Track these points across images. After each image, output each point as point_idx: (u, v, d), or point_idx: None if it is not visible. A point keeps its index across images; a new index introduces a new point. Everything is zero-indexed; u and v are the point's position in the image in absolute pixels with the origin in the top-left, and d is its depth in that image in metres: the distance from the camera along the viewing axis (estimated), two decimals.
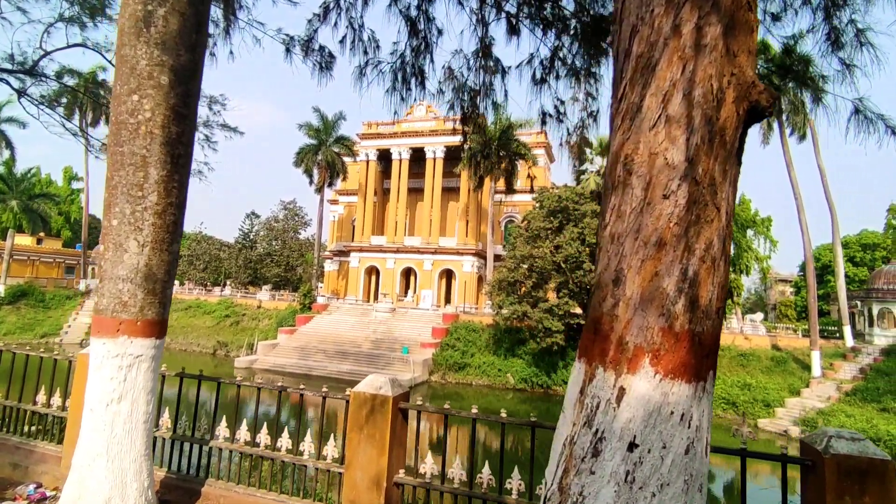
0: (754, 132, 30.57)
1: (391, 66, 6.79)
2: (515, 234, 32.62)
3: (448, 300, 44.64)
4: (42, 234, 49.61)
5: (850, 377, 26.25)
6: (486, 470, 3.22)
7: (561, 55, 6.57)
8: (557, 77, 6.65)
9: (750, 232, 37.25)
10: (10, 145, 41.15)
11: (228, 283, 53.64)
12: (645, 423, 1.50)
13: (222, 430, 3.94)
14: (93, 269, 48.33)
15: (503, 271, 32.59)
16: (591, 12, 6.28)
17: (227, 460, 3.72)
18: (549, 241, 31.16)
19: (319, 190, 45.23)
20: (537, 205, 33.76)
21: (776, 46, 6.20)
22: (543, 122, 6.91)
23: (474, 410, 3.27)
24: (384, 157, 47.84)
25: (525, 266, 31.00)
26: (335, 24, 7.18)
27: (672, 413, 1.51)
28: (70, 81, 11.08)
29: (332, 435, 3.60)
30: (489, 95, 7.21)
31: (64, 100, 10.23)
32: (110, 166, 2.86)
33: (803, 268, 52.97)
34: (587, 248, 29.16)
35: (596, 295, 1.87)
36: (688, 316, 1.61)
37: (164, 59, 2.85)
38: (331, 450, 3.60)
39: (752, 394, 27.07)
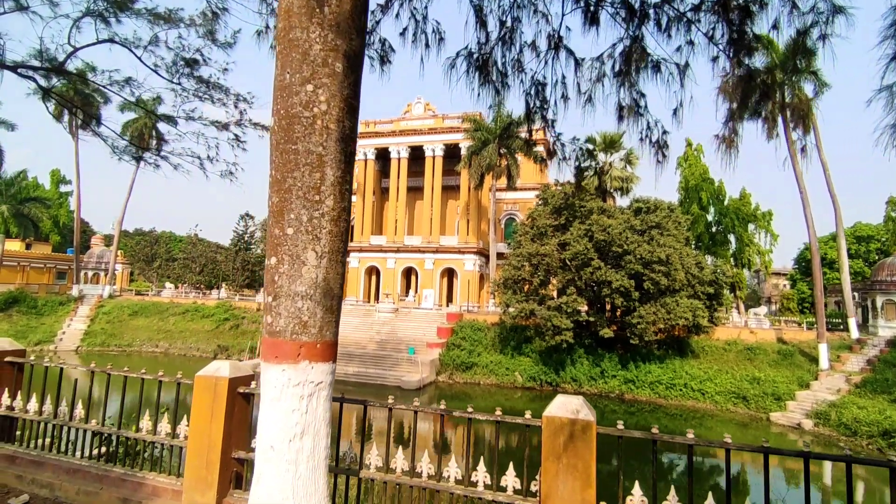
0: (758, 127, 30.66)
1: (465, 60, 6.46)
2: (521, 232, 32.41)
3: (450, 299, 44.34)
4: (31, 238, 48.29)
5: (859, 369, 26.46)
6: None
7: (643, 45, 6.29)
8: (637, 69, 6.38)
9: (751, 226, 37.47)
10: None
11: (224, 285, 52.76)
12: None
13: (374, 457, 3.57)
14: (85, 273, 47.12)
15: (508, 269, 32.35)
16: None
17: (382, 493, 3.34)
18: (554, 238, 31.02)
19: None
20: (541, 202, 33.60)
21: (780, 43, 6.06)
22: (620, 118, 6.62)
23: (691, 436, 2.89)
24: (382, 155, 47.37)
25: (531, 264, 30.80)
26: (397, 14, 6.84)
27: None
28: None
29: (510, 463, 3.23)
30: (558, 89, 6.92)
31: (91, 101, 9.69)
32: (280, 167, 2.51)
33: (798, 261, 53.63)
34: (594, 246, 29.03)
35: None
36: None
37: (339, 42, 2.50)
38: (511, 480, 3.20)
39: (762, 387, 27.17)
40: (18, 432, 4.58)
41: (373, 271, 46.49)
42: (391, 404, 3.50)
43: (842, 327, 31.61)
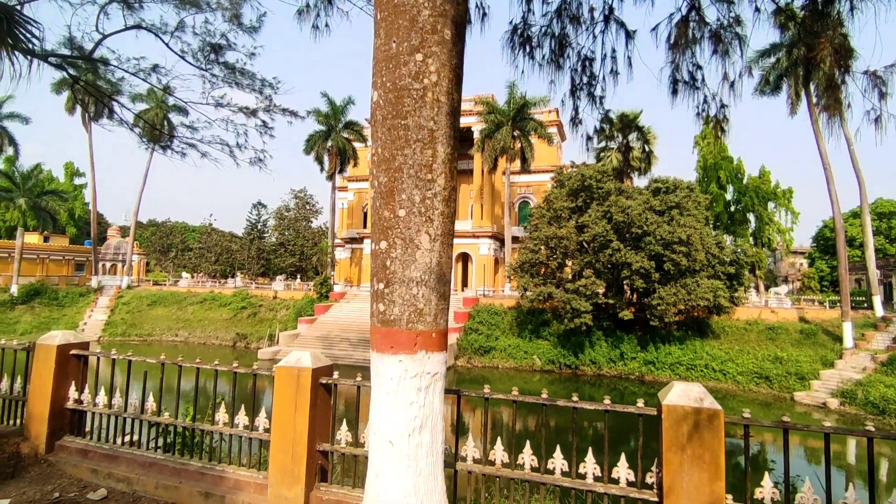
0: (781, 102, 29.99)
1: (510, 35, 6.21)
2: (537, 215, 32.08)
3: (465, 284, 44.27)
4: (48, 231, 48.73)
5: (885, 347, 26.09)
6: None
7: (701, 14, 6.00)
8: (695, 40, 6.09)
9: (771, 205, 36.81)
10: (13, 142, 40.14)
11: (239, 274, 53.07)
12: None
13: (471, 449, 3.39)
14: (102, 265, 47.60)
15: (525, 253, 32.15)
16: None
17: (481, 486, 3.22)
18: (572, 220, 30.69)
19: (331, 177, 44.43)
20: (556, 184, 33.18)
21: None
22: (674, 92, 6.35)
23: (828, 424, 2.74)
24: None
25: (549, 247, 30.55)
26: None
27: None
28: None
29: (621, 452, 3.08)
30: (608, 63, 6.65)
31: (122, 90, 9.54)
32: (388, 144, 2.34)
33: (816, 239, 52.80)
34: (613, 227, 28.69)
35: None
36: None
37: (447, 7, 2.32)
38: (624, 472, 3.03)
39: (785, 367, 26.92)
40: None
41: None
42: (487, 393, 3.36)
43: (865, 305, 31.15)
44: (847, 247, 43.61)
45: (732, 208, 37.11)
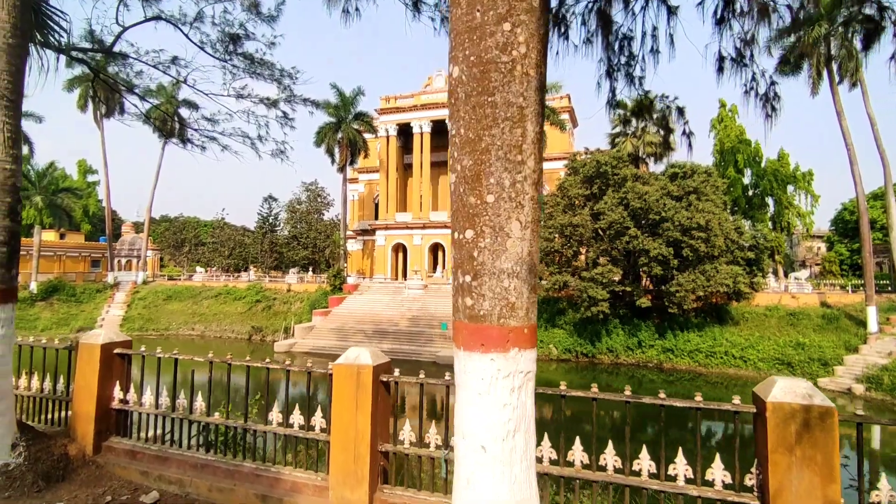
0: (800, 83, 29.25)
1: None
2: (551, 203, 31.71)
3: None
4: (64, 228, 49.22)
5: None
6: None
7: None
8: (742, 13, 5.80)
9: (790, 188, 36.11)
10: (27, 140, 40.37)
11: (251, 267, 53.31)
12: None
13: (546, 449, 3.20)
14: (118, 261, 48.04)
15: (539, 241, 31.84)
16: None
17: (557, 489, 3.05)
18: (587, 208, 30.32)
19: (341, 169, 44.29)
20: (570, 171, 32.74)
21: None
22: (720, 69, 6.07)
23: None
24: (404, 131, 46.68)
25: (563, 235, 30.22)
26: None
27: None
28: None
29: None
30: (647, 42, 6.36)
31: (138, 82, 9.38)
32: (472, 124, 2.15)
33: (835, 222, 51.86)
34: (630, 214, 28.29)
35: None
36: None
37: None
38: (719, 474, 2.85)
39: (807, 353, 26.53)
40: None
41: (399, 248, 46.37)
42: (564, 391, 3.18)
43: (889, 289, 30.57)
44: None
45: (750, 192, 36.45)
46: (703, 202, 27.81)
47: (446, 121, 33.27)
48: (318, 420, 3.83)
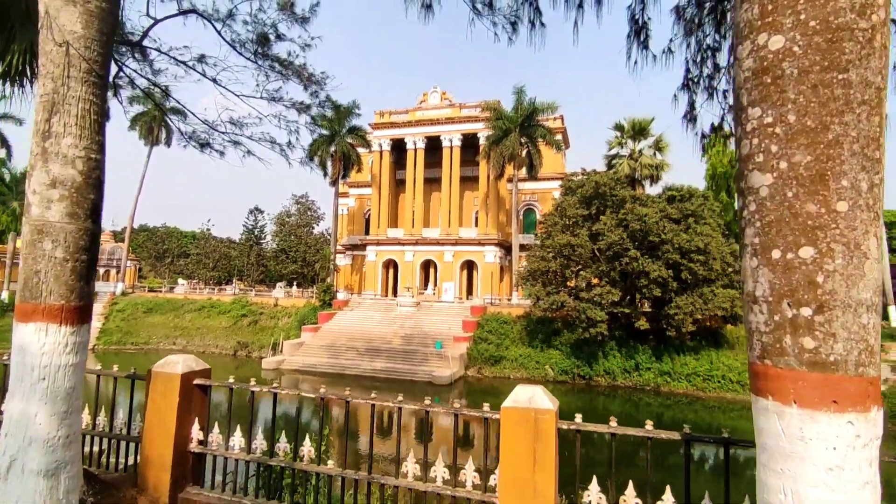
0: None
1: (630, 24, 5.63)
2: (550, 223, 31.59)
3: (470, 292, 43.63)
4: None
5: None
6: None
7: None
8: None
9: None
10: (5, 143, 38.84)
11: (235, 281, 51.86)
12: None
13: (594, 494, 2.66)
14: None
15: (535, 261, 31.59)
16: None
17: None
18: (585, 228, 30.25)
19: (334, 182, 43.68)
20: (566, 192, 32.75)
21: None
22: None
23: None
24: (398, 147, 46.43)
25: (562, 255, 30.02)
26: None
27: None
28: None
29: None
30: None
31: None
32: (812, 108, 1.64)
33: None
34: (629, 235, 28.27)
35: None
36: None
37: None
38: None
39: None
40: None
41: (390, 264, 45.71)
42: (615, 429, 2.64)
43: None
44: None
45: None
46: (702, 226, 27.98)
47: (440, 137, 33.23)
48: (469, 474, 3.10)
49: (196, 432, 3.82)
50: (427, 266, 44.82)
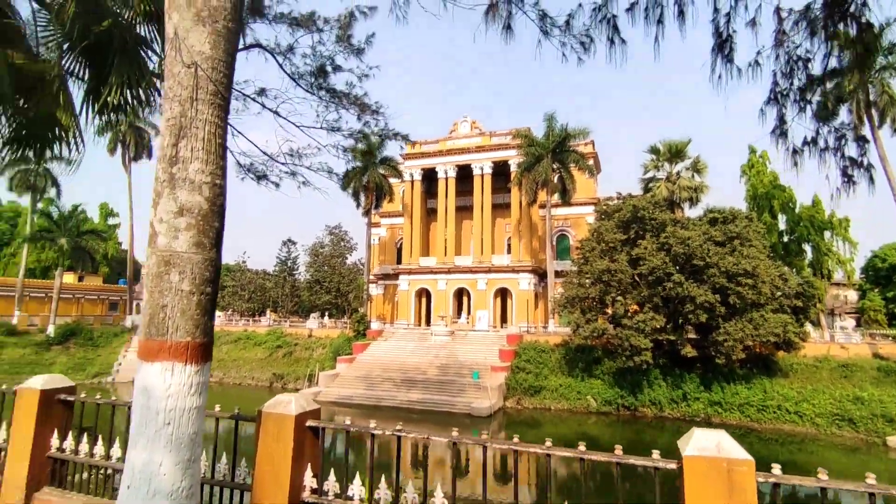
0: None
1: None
2: (587, 248, 30.99)
3: (504, 320, 42.92)
4: (83, 271, 48.91)
5: None
6: None
7: None
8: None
9: (827, 234, 35.33)
10: (55, 183, 40.73)
11: (268, 312, 52.35)
12: None
13: None
14: (137, 304, 47.35)
15: (572, 287, 30.90)
16: None
17: None
18: (623, 252, 29.54)
19: (367, 212, 44.13)
20: (602, 216, 32.21)
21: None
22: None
23: None
24: (428, 176, 46.81)
25: (602, 281, 29.26)
26: None
27: None
28: None
29: None
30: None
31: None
32: None
33: (866, 269, 50.65)
34: (672, 259, 27.43)
35: None
36: None
37: None
38: None
39: (869, 408, 24.94)
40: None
41: (423, 293, 45.47)
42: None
43: None
44: None
45: (786, 238, 35.68)
46: (748, 248, 27.01)
47: (471, 165, 33.32)
48: None
49: (309, 479, 3.54)
50: (460, 294, 44.43)
